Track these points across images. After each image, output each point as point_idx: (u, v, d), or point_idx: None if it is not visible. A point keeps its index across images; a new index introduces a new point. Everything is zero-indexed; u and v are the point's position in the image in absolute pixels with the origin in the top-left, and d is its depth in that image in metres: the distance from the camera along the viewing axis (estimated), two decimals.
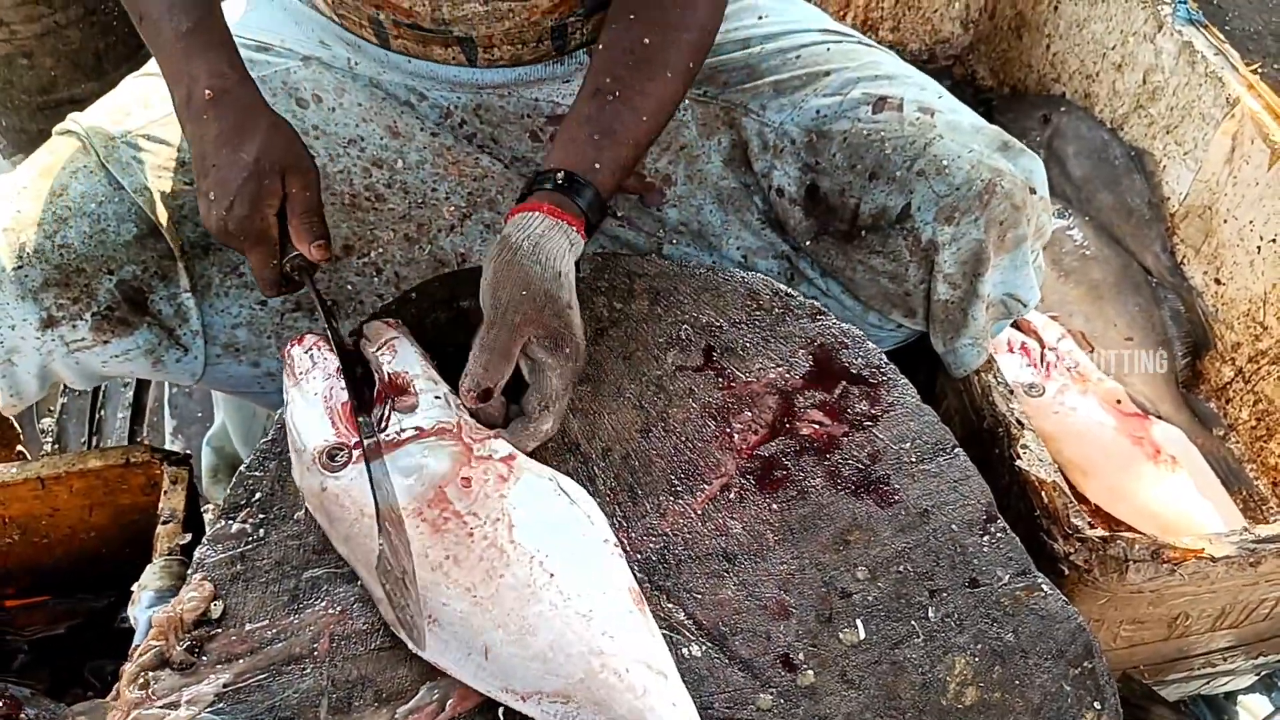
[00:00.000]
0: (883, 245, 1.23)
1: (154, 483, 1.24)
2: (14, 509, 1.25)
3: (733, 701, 0.91)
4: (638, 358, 1.13)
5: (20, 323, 1.15)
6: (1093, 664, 0.94)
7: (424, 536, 0.91)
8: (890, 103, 1.21)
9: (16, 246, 1.13)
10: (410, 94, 1.27)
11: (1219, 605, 1.21)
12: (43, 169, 1.17)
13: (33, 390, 1.23)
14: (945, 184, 1.17)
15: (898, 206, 1.20)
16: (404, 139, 1.27)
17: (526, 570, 0.89)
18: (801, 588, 0.98)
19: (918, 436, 1.08)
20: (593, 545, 0.92)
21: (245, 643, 0.93)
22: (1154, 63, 1.75)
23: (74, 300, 1.16)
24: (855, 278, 1.27)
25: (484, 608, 0.88)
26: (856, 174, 1.21)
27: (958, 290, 1.21)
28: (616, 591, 0.89)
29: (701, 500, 1.03)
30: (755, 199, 1.30)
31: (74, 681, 1.30)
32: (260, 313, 1.26)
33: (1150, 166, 1.79)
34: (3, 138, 1.99)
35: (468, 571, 0.89)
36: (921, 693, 0.92)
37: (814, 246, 1.28)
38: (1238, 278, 1.63)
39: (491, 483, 0.94)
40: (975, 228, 1.17)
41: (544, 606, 0.87)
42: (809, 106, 1.24)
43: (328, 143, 1.26)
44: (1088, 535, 1.12)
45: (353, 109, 1.27)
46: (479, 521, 0.91)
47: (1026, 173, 1.19)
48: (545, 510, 0.93)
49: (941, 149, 1.18)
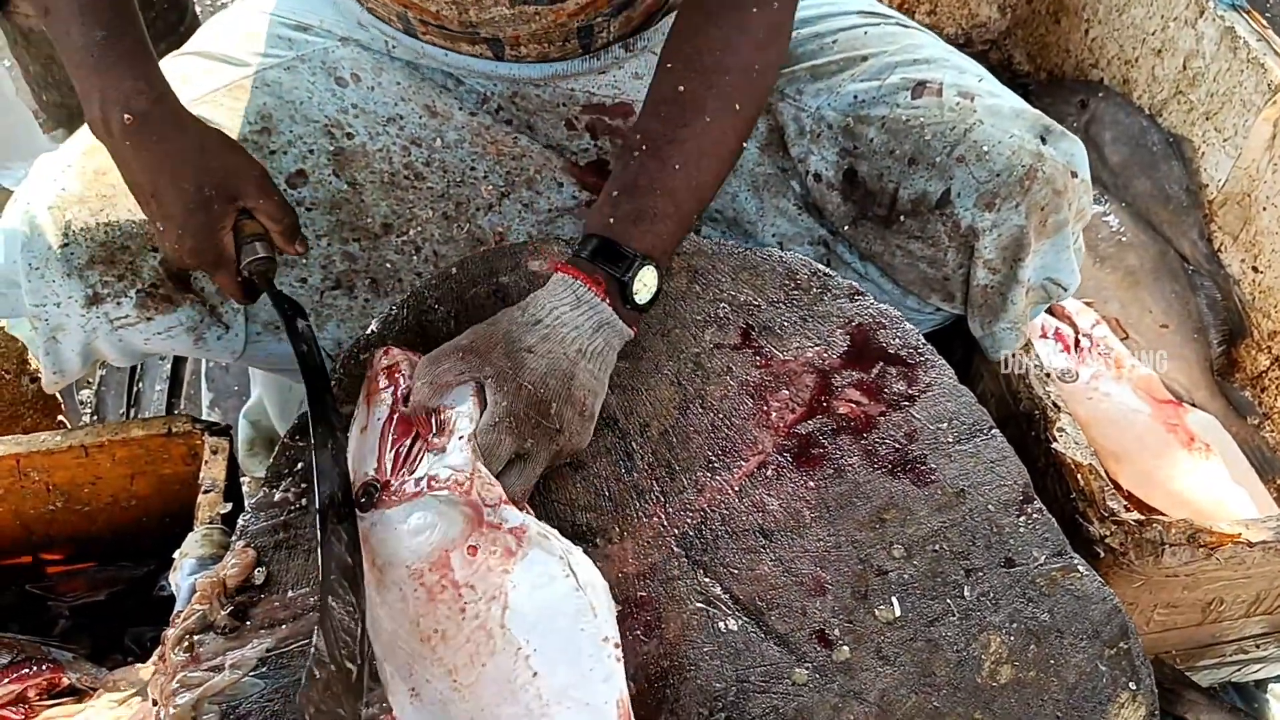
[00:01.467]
0: (921, 231, 1.22)
1: (195, 453, 1.25)
2: (57, 476, 1.27)
3: (768, 675, 0.92)
4: (676, 335, 1.14)
5: (66, 300, 1.16)
6: (1128, 645, 0.94)
7: (420, 603, 0.86)
8: (929, 88, 1.21)
9: (62, 225, 1.14)
10: (447, 79, 1.28)
11: (1253, 591, 1.21)
12: (87, 148, 1.18)
13: (76, 367, 1.24)
14: (986, 170, 1.16)
15: (937, 192, 1.19)
16: (442, 118, 1.28)
17: (510, 663, 0.83)
18: (837, 564, 0.99)
19: (955, 417, 1.08)
20: (589, 643, 0.85)
21: (288, 609, 0.95)
22: (1194, 48, 1.73)
23: (119, 278, 1.17)
24: (893, 262, 1.26)
25: (462, 695, 0.83)
26: (895, 159, 1.21)
27: (997, 275, 1.21)
28: (602, 704, 0.82)
29: (739, 477, 1.04)
30: (792, 184, 1.30)
31: (114, 648, 1.32)
32: (300, 290, 1.27)
33: (1189, 153, 1.77)
34: (44, 112, 2.01)
35: (453, 651, 0.84)
36: (956, 670, 0.93)
37: (852, 231, 1.28)
38: (1275, 265, 1.62)
39: (497, 555, 0.87)
40: (1016, 214, 1.17)
41: (519, 709, 0.82)
42: (846, 92, 1.24)
43: (367, 121, 1.27)
44: (1124, 518, 1.12)
45: (391, 88, 1.27)
46: (474, 596, 0.85)
47: (1068, 156, 1.18)
48: (545, 596, 0.86)
49: (981, 135, 1.17)
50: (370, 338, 1.14)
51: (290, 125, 1.24)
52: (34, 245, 1.14)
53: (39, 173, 1.18)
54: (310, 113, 1.24)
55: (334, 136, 1.25)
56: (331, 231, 1.26)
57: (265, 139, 1.23)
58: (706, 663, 0.92)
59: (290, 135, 1.24)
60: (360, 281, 1.29)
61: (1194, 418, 1.59)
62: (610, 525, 1.01)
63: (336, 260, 1.27)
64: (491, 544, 0.88)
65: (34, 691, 1.17)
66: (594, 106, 1.28)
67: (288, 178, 1.24)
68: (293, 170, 1.24)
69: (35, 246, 1.14)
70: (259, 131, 1.22)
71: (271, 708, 0.89)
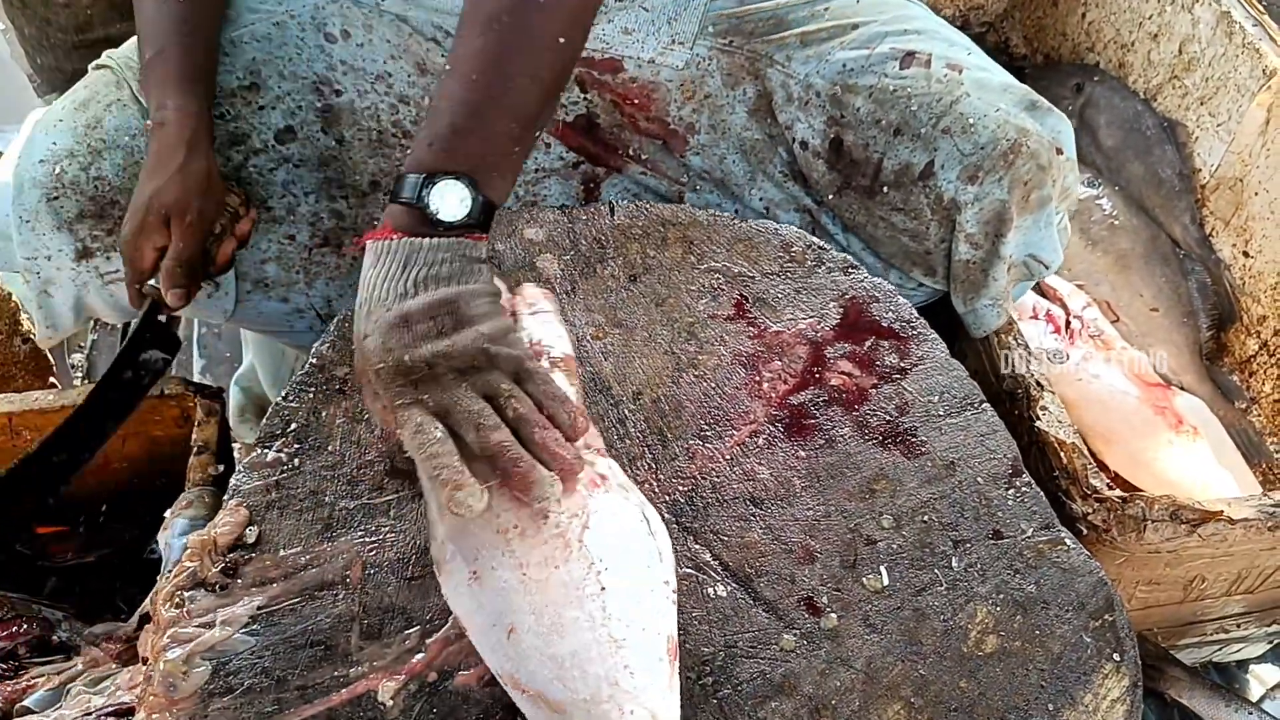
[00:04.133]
0: (904, 202, 1.23)
1: (187, 415, 1.25)
2: None
3: (756, 641, 0.93)
4: (670, 305, 1.14)
5: (56, 253, 1.17)
6: (1113, 617, 0.95)
7: (504, 499, 0.85)
8: (918, 58, 1.21)
9: (53, 178, 1.15)
10: (436, 31, 1.27)
11: (1235, 569, 1.22)
12: (78, 103, 1.19)
13: (68, 322, 1.24)
14: (970, 142, 1.16)
15: (921, 164, 1.20)
16: (432, 75, 1.27)
17: (582, 572, 0.84)
18: (827, 534, 0.99)
19: (946, 390, 1.09)
20: (653, 580, 0.87)
21: (279, 568, 0.95)
22: (1191, 33, 1.74)
23: (108, 232, 1.18)
24: (876, 234, 1.27)
25: (528, 588, 0.84)
26: (881, 129, 1.21)
27: (979, 250, 1.22)
28: (655, 634, 0.85)
29: (730, 445, 1.04)
30: (779, 150, 1.30)
31: (104, 609, 1.32)
32: (289, 247, 1.27)
33: (1182, 138, 1.78)
34: (39, 76, 1.99)
35: (529, 549, 0.84)
36: (943, 639, 0.94)
37: (836, 201, 1.28)
38: (1266, 251, 1.63)
39: (584, 483, 0.88)
40: (999, 187, 1.17)
41: (582, 614, 0.83)
42: (835, 60, 1.24)
43: (355, 79, 1.26)
44: (1106, 495, 1.13)
45: (381, 45, 1.27)
46: (559, 509, 0.86)
47: (1054, 133, 1.19)
48: (622, 528, 0.88)
49: (968, 107, 1.17)
50: None
51: (279, 82, 1.23)
52: (24, 198, 1.15)
53: (31, 127, 1.18)
54: (299, 69, 1.24)
55: (322, 93, 1.25)
56: (319, 189, 1.26)
57: (253, 95, 1.22)
58: (695, 628, 0.93)
59: (279, 91, 1.23)
60: (348, 239, 1.29)
61: (1182, 401, 1.60)
62: None
63: (324, 218, 1.27)
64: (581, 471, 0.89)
65: (23, 648, 1.17)
66: (583, 60, 1.28)
67: (276, 134, 1.24)
68: (280, 127, 1.24)
69: (25, 200, 1.15)
70: (247, 88, 1.22)
71: (262, 664, 0.89)
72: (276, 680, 0.89)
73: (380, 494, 0.99)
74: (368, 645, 0.91)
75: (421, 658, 0.90)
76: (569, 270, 1.18)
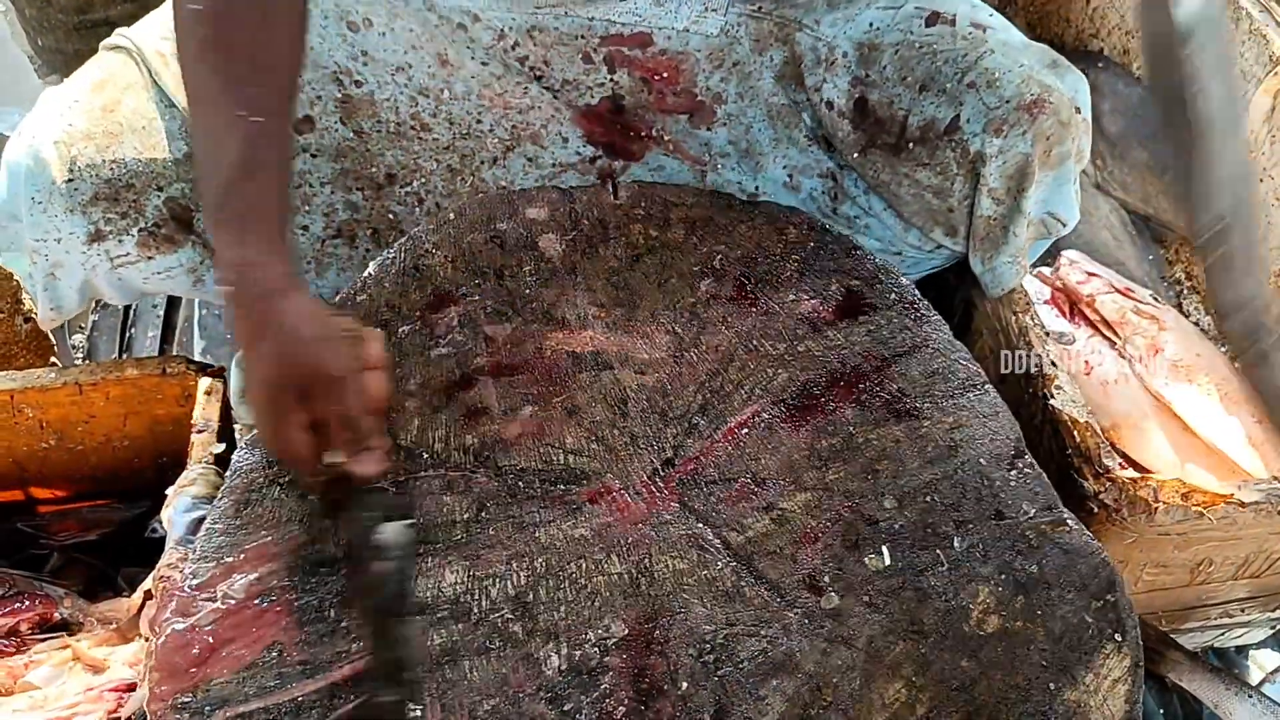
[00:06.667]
0: (930, 158, 1.23)
1: (188, 394, 1.25)
2: (51, 414, 1.26)
3: (757, 620, 0.93)
4: (672, 285, 1.14)
5: (67, 236, 1.16)
6: (1115, 598, 0.95)
7: None
8: (943, 17, 1.22)
9: (68, 160, 1.14)
10: (465, 16, 1.26)
11: (1242, 553, 1.21)
12: (95, 84, 1.18)
13: (73, 304, 1.24)
14: (995, 96, 1.17)
15: (946, 118, 1.20)
16: (452, 68, 1.27)
17: None
18: (829, 514, 0.99)
19: (949, 371, 1.09)
20: None
21: (278, 545, 0.95)
22: None
23: (122, 215, 1.17)
24: (900, 193, 1.27)
25: None
26: (906, 86, 1.22)
27: (1001, 206, 1.22)
28: None
29: (733, 425, 1.04)
30: (804, 116, 1.30)
31: (106, 587, 1.32)
32: (302, 238, 1.27)
33: None
34: (39, 57, 1.99)
35: None
36: (944, 619, 0.93)
37: (860, 160, 1.28)
38: (1271, 237, 1.62)
39: None
40: (1023, 141, 1.18)
41: None
42: (862, 19, 1.24)
43: (375, 69, 1.26)
44: (1118, 475, 1.13)
45: (403, 35, 1.26)
46: None
47: (1074, 90, 1.20)
48: None
49: (993, 62, 1.18)
50: (368, 280, 1.14)
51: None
52: (38, 179, 1.14)
53: (45, 107, 1.17)
54: (320, 59, 1.23)
55: (342, 84, 1.25)
56: (335, 180, 1.26)
57: None
58: (697, 606, 0.93)
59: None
60: (362, 231, 1.28)
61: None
62: (604, 469, 1.01)
63: (339, 209, 1.27)
64: None
65: (26, 625, 1.17)
66: (612, 37, 1.27)
67: (294, 124, 1.23)
68: (299, 116, 1.23)
69: (39, 180, 1.14)
70: None
71: (263, 641, 0.89)
72: (278, 655, 0.89)
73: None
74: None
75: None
76: (571, 250, 1.18)
